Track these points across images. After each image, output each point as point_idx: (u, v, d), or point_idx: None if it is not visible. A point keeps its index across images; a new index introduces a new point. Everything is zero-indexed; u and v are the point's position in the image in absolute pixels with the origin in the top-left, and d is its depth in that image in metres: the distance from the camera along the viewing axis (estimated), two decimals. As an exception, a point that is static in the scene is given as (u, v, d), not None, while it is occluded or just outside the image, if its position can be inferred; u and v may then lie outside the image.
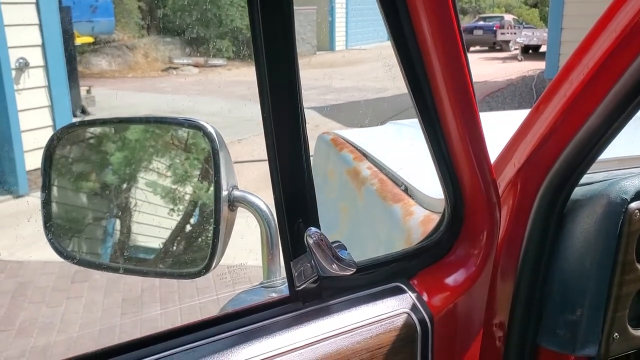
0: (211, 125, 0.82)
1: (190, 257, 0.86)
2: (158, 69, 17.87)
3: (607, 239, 0.88)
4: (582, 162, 0.88)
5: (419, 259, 0.87)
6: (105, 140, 0.92)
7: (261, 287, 0.86)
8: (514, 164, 0.92)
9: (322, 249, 0.70)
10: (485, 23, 26.33)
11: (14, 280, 4.40)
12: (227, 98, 12.86)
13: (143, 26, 19.83)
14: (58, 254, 0.86)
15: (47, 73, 6.40)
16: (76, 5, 12.88)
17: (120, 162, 0.89)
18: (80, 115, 9.92)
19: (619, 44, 0.77)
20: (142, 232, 0.90)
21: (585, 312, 0.91)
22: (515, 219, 0.93)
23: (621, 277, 0.90)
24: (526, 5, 37.74)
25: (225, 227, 0.81)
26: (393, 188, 1.40)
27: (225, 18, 19.00)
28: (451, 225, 0.89)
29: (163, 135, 0.90)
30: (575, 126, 0.84)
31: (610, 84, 0.79)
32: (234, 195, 0.83)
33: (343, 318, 0.76)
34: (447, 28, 0.69)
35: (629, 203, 0.88)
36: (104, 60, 17.34)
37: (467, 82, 0.74)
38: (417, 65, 0.72)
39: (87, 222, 0.94)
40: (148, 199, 0.89)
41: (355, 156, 1.80)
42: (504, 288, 0.94)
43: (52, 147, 0.87)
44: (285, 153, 0.68)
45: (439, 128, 0.79)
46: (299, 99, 0.66)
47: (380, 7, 0.69)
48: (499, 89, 13.54)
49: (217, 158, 0.80)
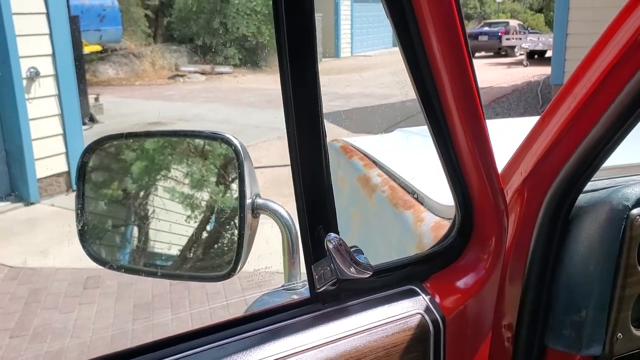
0: (235, 137, 0.88)
1: (218, 262, 0.91)
2: (165, 76, 17.99)
3: (610, 243, 0.93)
4: (586, 171, 0.93)
5: (431, 263, 0.92)
6: (136, 152, 0.98)
7: (283, 290, 0.91)
8: (521, 173, 0.97)
9: (341, 253, 0.75)
10: (491, 29, 26.34)
11: (28, 287, 4.46)
12: (234, 105, 12.95)
13: (150, 34, 19.98)
14: (92, 260, 0.91)
15: (57, 82, 6.48)
16: (84, 15, 13.02)
17: (151, 173, 0.94)
18: (88, 123, 10.00)
19: (620, 60, 0.81)
20: (172, 239, 0.95)
21: (590, 313, 0.95)
22: (523, 225, 0.98)
23: (624, 279, 0.94)
24: (531, 10, 37.74)
25: (249, 233, 0.86)
26: (404, 195, 1.45)
27: (232, 26, 19.11)
28: (461, 231, 0.94)
29: (190, 147, 0.95)
30: (579, 137, 0.89)
31: (612, 97, 0.83)
32: (257, 203, 0.88)
33: (360, 318, 0.81)
34: (454, 42, 0.73)
35: (631, 209, 0.92)
36: (111, 68, 17.47)
37: (475, 96, 0.79)
38: (427, 79, 0.77)
39: (121, 229, 0.99)
40: (177, 208, 0.94)
41: (365, 163, 1.86)
42: (512, 291, 0.99)
43: (86, 159, 0.92)
44: (308, 166, 0.73)
45: (449, 139, 0.83)
46: (320, 116, 0.71)
47: (390, 20, 0.74)
48: (505, 95, 13.56)
49: (242, 169, 0.85)
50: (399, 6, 0.69)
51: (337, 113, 10.35)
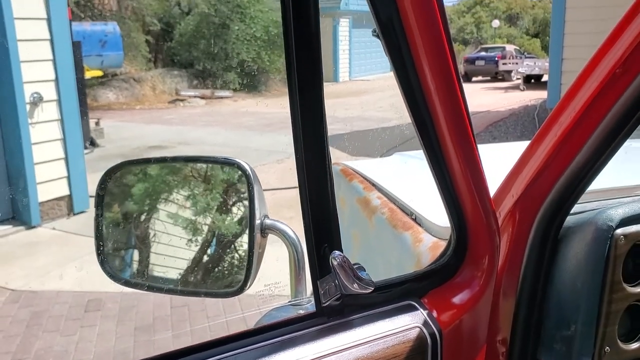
0: (245, 162, 0.94)
1: (229, 279, 0.97)
2: (165, 100, 18.15)
3: (596, 262, 0.99)
4: (573, 194, 0.99)
5: (429, 280, 0.98)
6: (151, 176, 1.04)
7: (289, 305, 0.96)
8: (513, 195, 1.03)
9: (345, 269, 0.81)
10: (487, 54, 26.58)
11: (29, 310, 4.49)
12: (234, 129, 13.05)
13: (150, 59, 20.20)
14: (109, 277, 0.97)
15: (60, 107, 6.56)
16: (86, 40, 13.22)
17: (166, 195, 1.01)
18: (89, 147, 10.08)
19: (600, 91, 0.88)
20: (186, 257, 1.01)
21: (579, 328, 1.01)
22: (515, 244, 1.04)
23: (610, 295, 1.00)
24: (527, 35, 38.16)
25: (257, 252, 0.92)
26: (403, 217, 1.51)
27: (232, 51, 19.34)
28: (456, 250, 1.00)
29: (204, 171, 1.02)
30: (565, 162, 0.95)
31: (594, 125, 0.90)
32: (266, 224, 0.94)
33: (363, 331, 0.87)
34: (447, 76, 0.80)
35: (615, 229, 0.98)
36: (111, 92, 17.63)
37: (466, 124, 0.85)
38: (422, 110, 0.84)
39: (137, 248, 1.05)
40: (191, 228, 1.00)
41: (365, 186, 1.92)
42: (506, 307, 1.04)
43: (105, 182, 0.99)
44: (314, 188, 0.79)
45: (443, 164, 0.90)
46: (325, 142, 0.78)
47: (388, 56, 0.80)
48: (502, 119, 13.69)
49: (252, 191, 0.92)
50: (395, 43, 0.76)
51: (337, 136, 10.45)
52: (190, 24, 20.26)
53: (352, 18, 24.90)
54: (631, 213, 1.01)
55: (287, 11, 0.70)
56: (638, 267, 1.04)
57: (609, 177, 1.14)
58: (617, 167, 1.18)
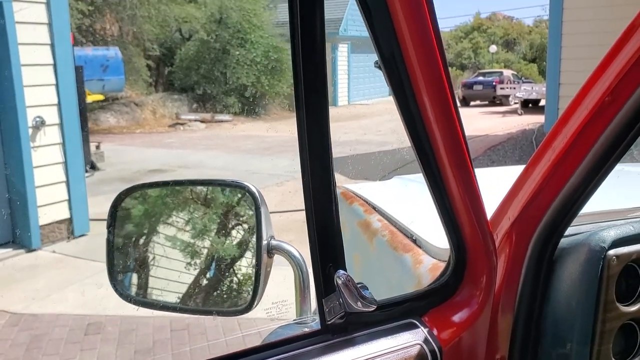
0: (253, 185, 0.99)
1: (236, 298, 1.01)
2: (165, 124, 18.26)
3: (590, 282, 1.02)
4: (567, 216, 1.03)
5: (429, 299, 1.01)
6: (162, 199, 1.08)
7: (294, 324, 1.00)
8: (509, 218, 1.07)
9: (349, 288, 0.85)
10: (485, 78, 26.80)
11: (29, 333, 4.48)
12: (233, 152, 13.13)
13: (151, 83, 20.37)
14: (120, 296, 1.00)
15: (62, 131, 6.63)
16: (88, 65, 13.36)
17: (176, 217, 1.05)
18: (90, 171, 10.13)
19: (591, 118, 0.93)
20: (195, 277, 1.04)
21: (574, 346, 1.04)
22: (512, 265, 1.08)
23: (604, 315, 1.03)
24: (525, 60, 38.54)
25: (264, 272, 0.96)
26: (403, 239, 1.55)
27: (232, 76, 19.51)
28: (455, 270, 1.03)
29: (213, 194, 1.06)
30: (558, 186, 0.99)
31: (586, 151, 0.95)
32: (272, 244, 0.98)
33: (366, 348, 0.90)
34: (445, 106, 0.85)
35: (607, 250, 1.02)
36: (112, 116, 17.75)
37: (464, 151, 0.90)
38: (423, 138, 0.88)
39: (146, 269, 1.09)
40: (198, 249, 1.04)
41: (365, 209, 1.96)
42: (504, 325, 1.08)
43: (117, 205, 1.03)
44: (320, 210, 0.83)
45: (442, 189, 0.94)
46: (331, 166, 0.82)
47: (390, 88, 0.85)
48: (500, 143, 13.78)
49: (259, 213, 0.96)
50: (396, 75, 0.81)
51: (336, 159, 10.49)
52: (191, 49, 20.49)
53: (350, 43, 25.19)
54: (623, 234, 1.05)
55: (296, 40, 0.74)
56: (631, 287, 1.08)
57: (601, 201, 1.18)
58: (609, 191, 1.22)
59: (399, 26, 0.76)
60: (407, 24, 0.75)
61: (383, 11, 0.75)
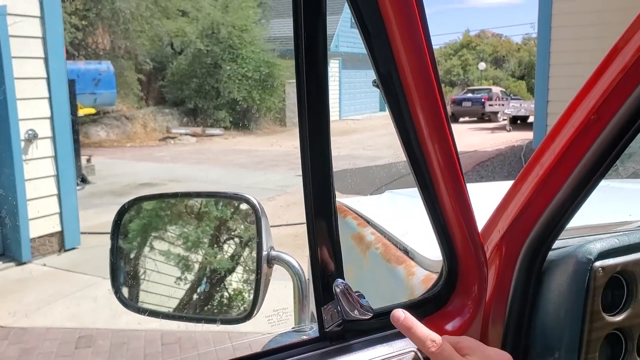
0: (254, 197, 1.03)
1: (236, 307, 1.04)
2: (156, 138, 18.27)
3: (577, 292, 1.06)
4: (554, 229, 1.07)
5: (422, 308, 1.05)
6: (164, 210, 1.12)
7: (293, 332, 1.03)
8: (499, 231, 1.11)
9: (347, 296, 0.89)
10: (474, 95, 27.02)
11: (18, 347, 4.46)
12: (224, 166, 13.14)
13: (142, 97, 20.38)
14: (123, 305, 1.03)
15: (54, 144, 6.63)
16: (80, 78, 13.36)
17: (176, 228, 1.08)
18: (80, 184, 10.11)
19: (577, 136, 0.98)
20: (196, 286, 1.08)
21: (562, 355, 1.08)
22: (502, 276, 1.12)
23: (590, 324, 1.07)
24: (513, 77, 38.93)
25: (264, 281, 1.00)
26: (396, 251, 1.59)
27: (223, 90, 19.58)
28: (448, 281, 1.07)
29: (213, 205, 1.10)
30: (546, 201, 1.04)
31: (572, 168, 0.99)
32: (272, 255, 1.02)
33: (363, 355, 0.93)
34: (439, 125, 0.89)
35: (593, 262, 1.06)
36: (103, 130, 17.74)
37: (457, 166, 0.94)
38: (418, 154, 0.93)
39: (149, 278, 1.12)
40: (199, 259, 1.07)
41: (359, 222, 2.00)
42: (494, 334, 1.11)
43: (120, 216, 1.06)
44: (320, 223, 0.87)
45: (436, 202, 0.98)
46: (331, 181, 0.86)
47: (388, 107, 0.90)
48: (489, 159, 13.90)
49: (260, 224, 0.99)
50: (393, 93, 0.85)
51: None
52: (183, 63, 20.57)
53: (342, 59, 25.40)
54: (609, 247, 1.10)
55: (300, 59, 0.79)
56: (616, 298, 1.12)
57: (588, 215, 1.23)
58: (595, 206, 1.27)
59: (396, 48, 0.80)
60: (404, 46, 0.80)
61: (381, 33, 0.79)
